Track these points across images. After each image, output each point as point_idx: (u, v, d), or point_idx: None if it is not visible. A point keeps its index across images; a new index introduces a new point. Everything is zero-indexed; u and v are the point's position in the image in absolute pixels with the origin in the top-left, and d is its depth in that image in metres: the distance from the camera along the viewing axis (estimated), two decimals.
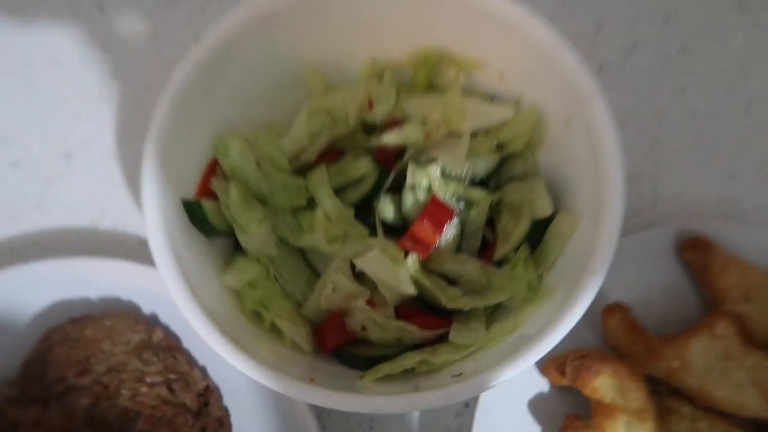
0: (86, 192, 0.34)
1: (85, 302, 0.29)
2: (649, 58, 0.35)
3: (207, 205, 0.27)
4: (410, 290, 0.27)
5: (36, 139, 0.34)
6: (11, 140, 0.34)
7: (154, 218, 0.24)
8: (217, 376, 0.29)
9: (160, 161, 0.25)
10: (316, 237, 0.28)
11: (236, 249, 0.29)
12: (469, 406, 0.30)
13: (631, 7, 0.36)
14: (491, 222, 0.30)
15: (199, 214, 0.26)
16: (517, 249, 0.28)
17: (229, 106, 0.28)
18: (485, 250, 0.29)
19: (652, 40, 0.36)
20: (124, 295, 0.29)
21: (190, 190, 0.27)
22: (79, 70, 0.36)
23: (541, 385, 0.29)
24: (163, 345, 0.28)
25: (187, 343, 0.30)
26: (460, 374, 0.25)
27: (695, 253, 0.29)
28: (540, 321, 0.24)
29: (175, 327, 0.30)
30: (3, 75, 0.36)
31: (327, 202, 0.28)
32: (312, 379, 0.24)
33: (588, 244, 0.25)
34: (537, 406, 0.28)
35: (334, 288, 0.27)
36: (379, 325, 0.27)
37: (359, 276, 0.28)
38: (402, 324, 0.26)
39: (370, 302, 0.27)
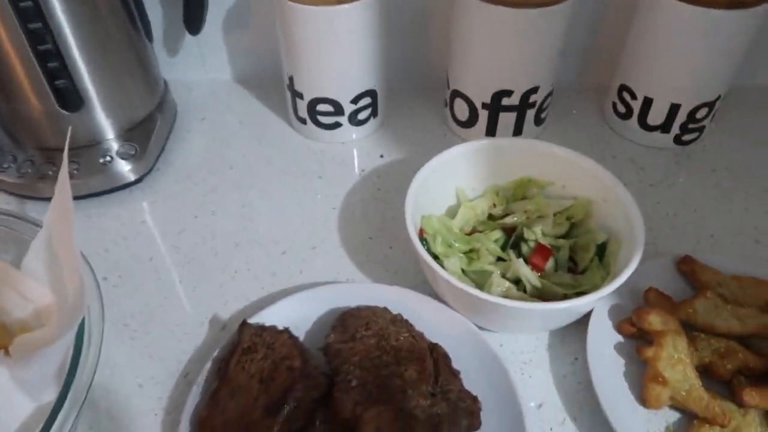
0: (327, 266, 0.57)
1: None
2: None
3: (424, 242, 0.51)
4: (537, 284, 0.50)
5: (295, 239, 0.59)
6: (282, 240, 0.59)
7: (413, 234, 0.48)
8: None
9: (410, 217, 0.50)
10: (483, 262, 0.52)
11: None
12: (578, 359, 0.50)
13: None
14: (571, 257, 0.54)
15: (425, 244, 0.50)
16: (590, 262, 0.52)
17: (429, 201, 0.55)
18: (571, 270, 0.53)
19: None
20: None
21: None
22: (323, 195, 0.62)
23: (618, 338, 0.49)
24: (401, 319, 0.49)
25: None
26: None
27: (685, 264, 0.53)
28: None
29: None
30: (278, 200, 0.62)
31: (489, 244, 0.53)
32: None
33: (627, 256, 0.49)
34: (619, 349, 0.49)
35: (497, 284, 0.50)
36: (533, 285, 0.49)
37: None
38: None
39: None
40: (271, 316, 0.49)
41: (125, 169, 0.63)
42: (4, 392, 0.34)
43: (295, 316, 0.49)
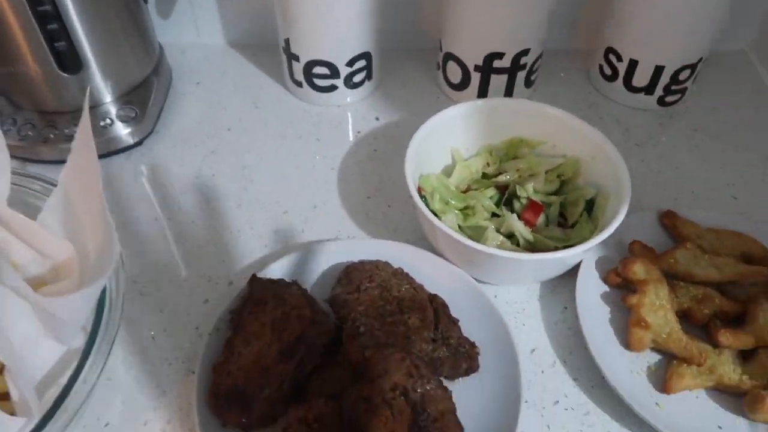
0: (328, 224, 0.59)
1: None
2: None
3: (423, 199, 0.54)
4: (530, 238, 0.53)
5: (296, 199, 0.61)
6: (283, 200, 0.61)
7: (413, 190, 0.51)
8: None
9: (411, 176, 0.52)
10: (478, 218, 0.54)
11: None
12: (567, 308, 0.53)
13: None
14: (561, 213, 0.57)
15: (423, 202, 0.53)
16: (580, 216, 0.55)
17: (426, 161, 0.57)
18: (561, 224, 0.56)
19: None
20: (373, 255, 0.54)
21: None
22: (321, 156, 0.64)
23: (605, 287, 0.53)
24: (402, 272, 0.52)
25: None
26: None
27: (667, 218, 0.56)
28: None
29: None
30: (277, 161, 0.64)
31: (484, 200, 0.55)
32: None
33: (615, 210, 0.52)
34: (606, 298, 0.52)
35: (492, 238, 0.53)
36: (525, 239, 0.52)
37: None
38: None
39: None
40: (277, 271, 0.51)
41: (124, 132, 0.63)
42: (35, 334, 0.36)
43: (301, 270, 0.52)
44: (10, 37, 0.56)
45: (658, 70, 0.66)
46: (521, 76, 0.67)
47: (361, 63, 0.68)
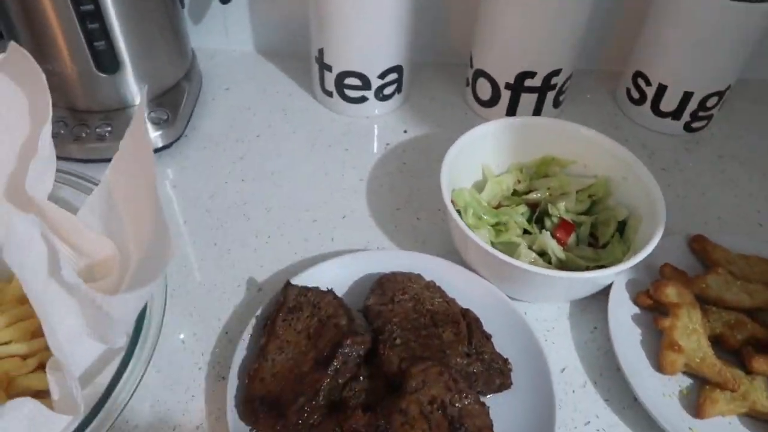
0: (357, 234, 0.59)
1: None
2: None
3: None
4: (562, 256, 0.53)
5: (325, 207, 0.61)
6: (312, 208, 0.61)
7: (449, 204, 0.51)
8: None
9: (446, 186, 0.52)
10: (510, 234, 0.54)
11: None
12: (597, 328, 0.53)
13: None
14: (592, 233, 0.57)
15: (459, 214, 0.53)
16: (611, 237, 0.55)
17: (456, 177, 0.57)
18: (591, 244, 0.56)
19: None
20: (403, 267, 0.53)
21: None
22: (350, 166, 0.64)
23: (635, 309, 0.53)
24: (434, 285, 0.51)
25: None
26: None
27: (697, 243, 0.56)
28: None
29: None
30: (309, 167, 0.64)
31: (516, 217, 0.55)
32: None
33: (648, 232, 0.52)
34: (637, 320, 0.52)
35: (524, 255, 0.53)
36: (557, 257, 0.52)
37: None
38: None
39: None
40: (309, 278, 0.51)
41: (155, 134, 0.63)
42: (78, 331, 0.35)
43: (333, 279, 0.52)
44: (50, 35, 0.56)
45: (687, 96, 0.67)
46: (551, 95, 0.68)
47: (393, 76, 0.68)
